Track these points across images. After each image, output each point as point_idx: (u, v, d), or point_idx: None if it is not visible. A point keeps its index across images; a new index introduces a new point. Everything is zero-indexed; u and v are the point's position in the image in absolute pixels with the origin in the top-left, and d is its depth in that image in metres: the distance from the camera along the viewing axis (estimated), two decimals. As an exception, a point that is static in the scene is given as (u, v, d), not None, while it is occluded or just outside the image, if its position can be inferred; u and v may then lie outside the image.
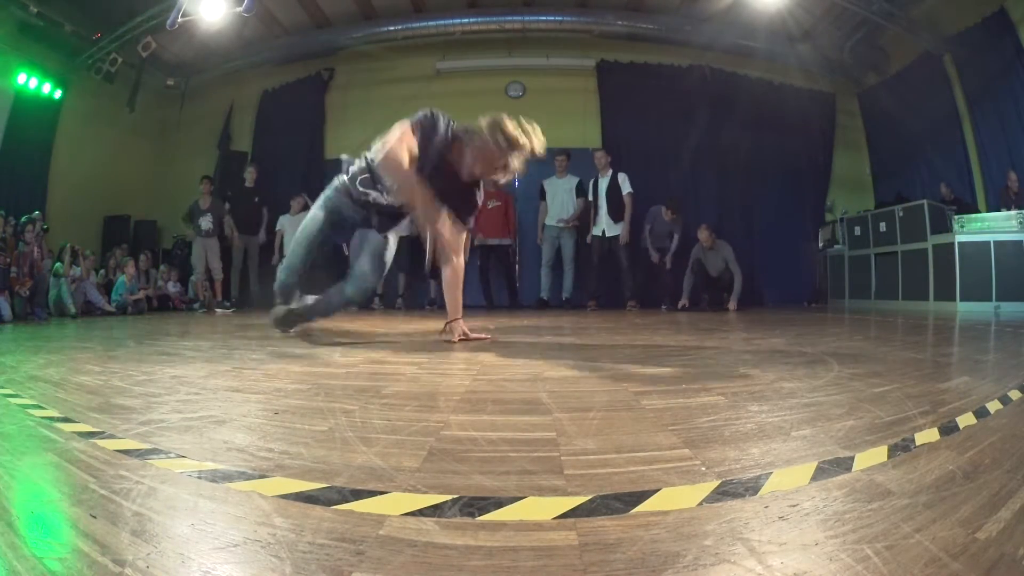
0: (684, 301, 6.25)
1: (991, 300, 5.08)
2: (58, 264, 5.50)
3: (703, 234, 6.26)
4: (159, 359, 2.07)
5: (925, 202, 5.82)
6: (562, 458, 0.86)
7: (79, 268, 5.82)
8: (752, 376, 1.61)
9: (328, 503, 0.68)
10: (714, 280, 6.27)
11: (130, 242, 7.33)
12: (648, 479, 0.76)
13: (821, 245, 7.65)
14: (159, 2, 6.18)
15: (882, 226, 6.30)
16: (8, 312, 4.72)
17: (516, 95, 7.87)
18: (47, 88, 6.59)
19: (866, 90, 7.71)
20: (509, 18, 7.44)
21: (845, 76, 7.74)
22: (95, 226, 7.56)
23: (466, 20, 7.45)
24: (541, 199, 6.78)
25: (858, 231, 6.70)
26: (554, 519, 0.64)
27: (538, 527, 0.62)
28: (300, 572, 0.52)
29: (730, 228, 7.14)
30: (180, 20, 5.90)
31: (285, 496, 0.71)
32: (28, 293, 5.03)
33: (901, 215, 6.05)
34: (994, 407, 1.18)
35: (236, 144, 8.20)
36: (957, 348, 2.54)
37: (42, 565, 0.52)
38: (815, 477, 0.77)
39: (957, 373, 1.77)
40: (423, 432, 1.01)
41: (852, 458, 0.84)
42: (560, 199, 6.69)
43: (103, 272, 6.40)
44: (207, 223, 6.54)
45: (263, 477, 0.78)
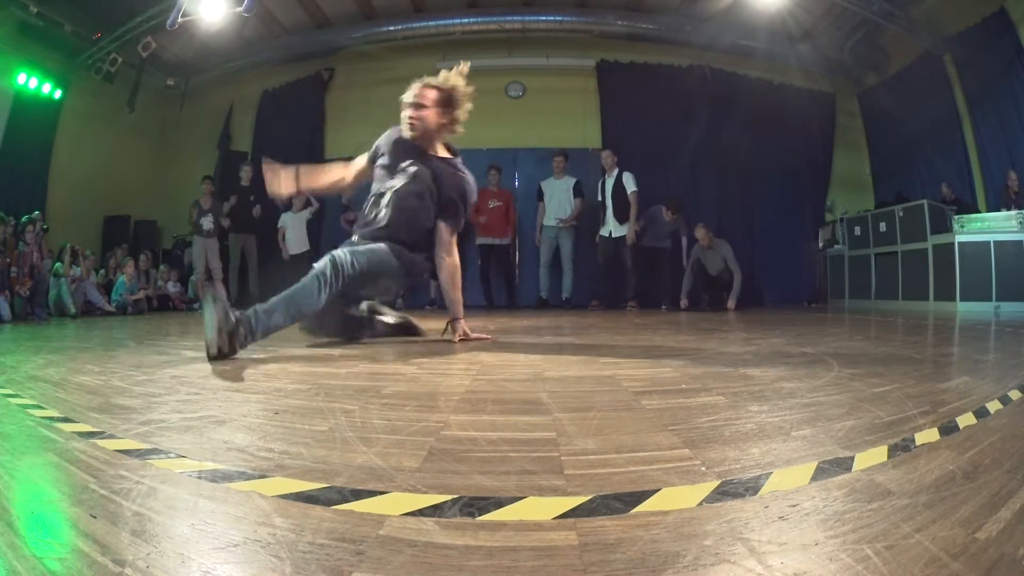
0: (683, 300, 6.24)
1: (991, 300, 5.08)
2: (58, 264, 5.50)
3: (700, 233, 6.25)
4: (159, 359, 2.07)
5: (925, 202, 5.81)
6: (562, 458, 0.86)
7: (79, 268, 5.82)
8: (752, 376, 1.61)
9: (328, 503, 0.68)
10: (713, 279, 6.27)
11: (130, 242, 7.33)
12: (648, 479, 0.76)
13: (821, 245, 7.65)
14: (159, 2, 6.18)
15: (882, 226, 6.29)
16: (8, 312, 4.73)
17: (516, 95, 7.87)
18: (47, 88, 6.59)
19: (866, 90, 7.70)
20: (509, 18, 7.44)
21: (845, 76, 7.74)
22: (95, 226, 7.57)
23: (466, 20, 7.45)
24: (539, 200, 6.79)
25: (858, 231, 6.70)
26: (554, 519, 0.64)
27: (538, 527, 0.62)
28: (300, 572, 0.52)
29: (730, 228, 7.14)
30: (180, 20, 5.90)
31: (285, 496, 0.71)
32: (28, 293, 5.03)
33: (901, 215, 6.05)
34: (994, 407, 1.18)
35: (236, 144, 8.19)
36: (957, 348, 2.54)
37: (42, 565, 0.52)
38: (815, 477, 0.77)
39: (957, 373, 1.77)
40: (423, 432, 1.01)
41: (852, 458, 0.84)
42: (558, 199, 6.68)
43: (103, 272, 6.40)
44: (208, 223, 6.54)
45: (263, 477, 0.78)
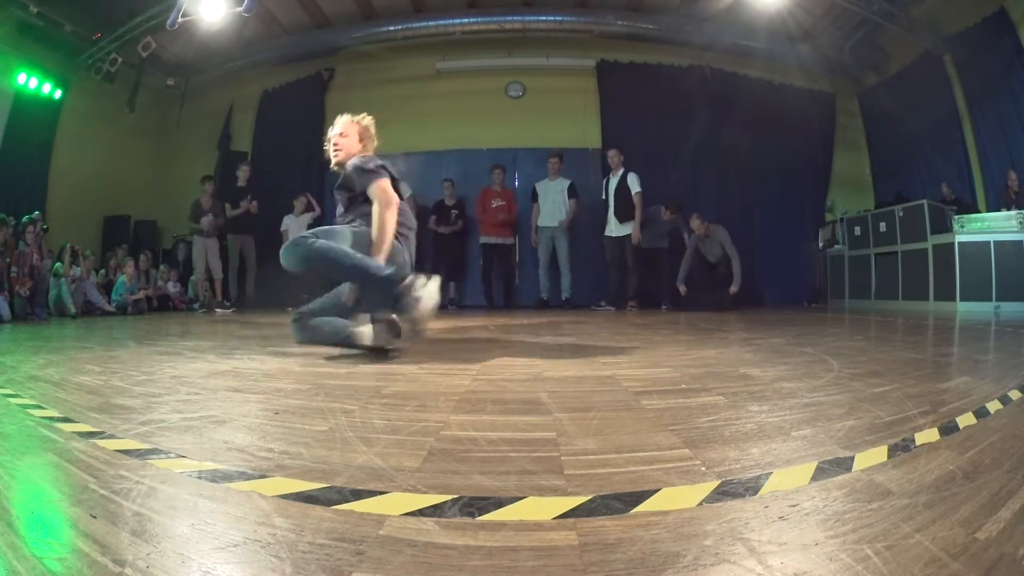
0: (681, 287, 6.26)
1: (991, 300, 5.07)
2: (58, 264, 5.50)
3: (696, 223, 6.26)
4: (159, 359, 2.07)
5: (925, 202, 5.81)
6: (562, 458, 0.86)
7: (79, 268, 5.82)
8: (752, 376, 1.61)
9: (328, 503, 0.68)
10: (713, 267, 6.26)
11: (130, 242, 7.33)
12: (648, 479, 0.76)
13: (821, 245, 7.64)
14: (159, 2, 6.17)
15: (882, 226, 6.29)
16: (8, 312, 4.72)
17: (516, 95, 7.87)
18: (47, 88, 6.58)
19: (866, 90, 7.70)
20: (509, 18, 7.42)
21: (845, 76, 7.73)
22: (95, 226, 7.55)
23: (466, 20, 7.43)
24: (533, 201, 6.78)
25: (858, 231, 6.70)
26: (554, 519, 0.64)
27: (538, 527, 0.62)
28: (300, 572, 0.52)
29: (730, 228, 7.10)
30: (180, 20, 5.89)
31: (285, 496, 0.71)
32: (28, 293, 5.03)
33: (901, 215, 6.05)
34: (994, 407, 1.18)
35: (236, 144, 8.18)
36: (957, 348, 2.54)
37: (42, 565, 0.52)
38: (815, 477, 0.77)
39: (957, 373, 1.77)
40: (423, 432, 1.01)
41: (852, 458, 0.84)
42: (552, 200, 6.67)
43: (103, 272, 6.40)
44: (208, 223, 6.53)
45: (263, 477, 0.78)
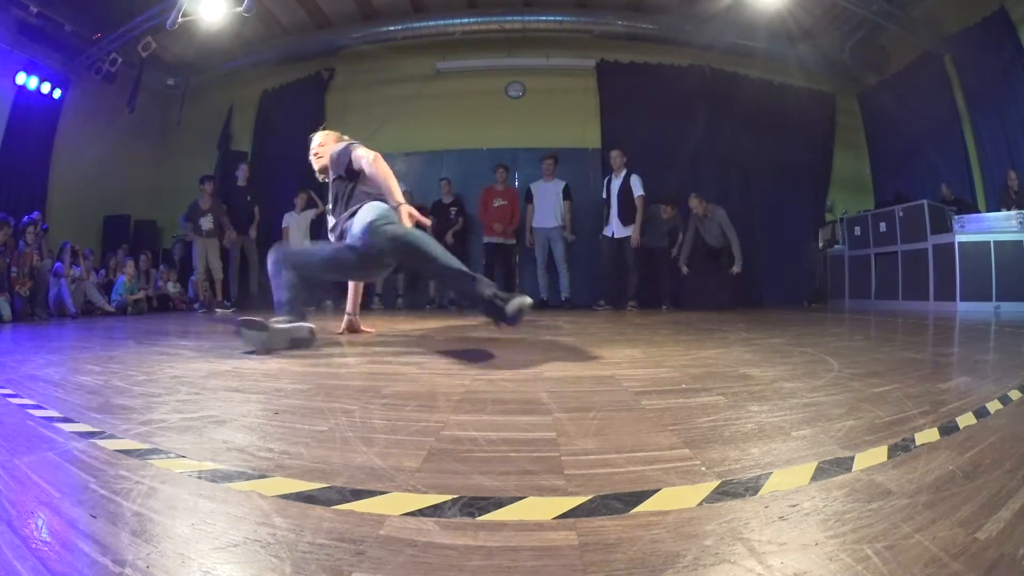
0: (683, 268, 6.32)
1: (991, 300, 5.07)
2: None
3: (694, 202, 6.28)
4: (159, 359, 2.07)
5: (925, 202, 5.81)
6: (562, 458, 0.86)
7: (79, 268, 5.82)
8: (752, 376, 1.61)
9: (328, 503, 0.68)
10: (715, 253, 6.28)
11: (130, 242, 7.33)
12: (648, 479, 0.76)
13: (821, 245, 7.64)
14: (159, 2, 6.17)
15: (882, 226, 6.29)
16: (8, 312, 4.72)
17: (516, 95, 7.87)
18: (47, 88, 6.59)
19: (866, 90, 7.69)
20: (509, 18, 7.42)
21: (845, 76, 7.72)
22: (95, 226, 7.56)
23: (466, 20, 7.43)
24: (527, 202, 6.78)
25: (858, 231, 6.70)
26: (554, 519, 0.64)
27: (538, 527, 0.62)
28: (300, 572, 0.52)
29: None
30: (180, 20, 5.89)
31: (285, 496, 0.71)
32: (28, 293, 5.03)
33: (901, 215, 6.05)
34: (994, 407, 1.18)
35: (236, 144, 8.18)
36: (957, 348, 2.54)
37: (42, 565, 0.52)
38: (815, 477, 0.77)
39: (957, 373, 1.77)
40: (423, 432, 1.01)
41: (852, 458, 0.84)
42: (546, 202, 6.67)
43: (103, 272, 6.40)
44: (207, 223, 6.54)
45: (263, 477, 0.78)
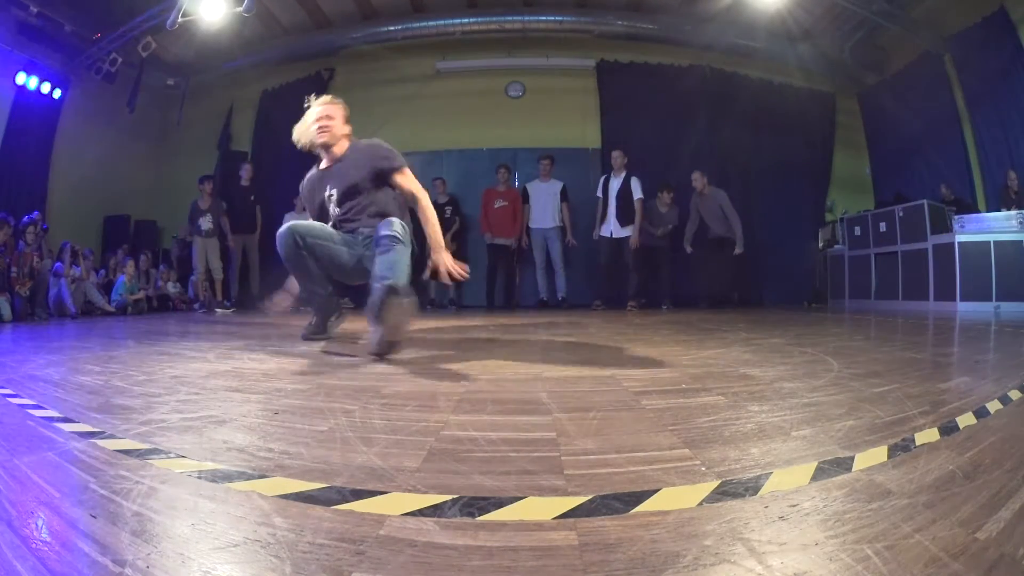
0: (688, 248, 6.45)
1: (991, 300, 5.07)
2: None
3: (696, 175, 6.39)
4: (159, 359, 2.07)
5: (925, 202, 5.80)
6: (562, 458, 0.86)
7: (79, 268, 5.82)
8: (752, 376, 1.61)
9: (328, 503, 0.68)
10: (719, 242, 6.30)
11: (130, 242, 7.33)
12: (648, 479, 0.76)
13: (821, 245, 7.63)
14: (159, 2, 6.17)
15: (882, 226, 6.29)
16: (8, 312, 4.72)
17: (516, 95, 7.87)
18: (47, 88, 6.59)
19: (866, 90, 7.69)
20: (509, 18, 7.42)
21: (845, 76, 7.72)
22: (95, 226, 7.56)
23: (466, 20, 7.43)
24: (524, 202, 6.78)
25: (858, 231, 6.69)
26: (554, 519, 0.64)
27: (538, 527, 0.62)
28: (300, 572, 0.52)
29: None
30: (180, 20, 5.89)
31: (285, 496, 0.71)
32: (28, 293, 5.03)
33: (901, 215, 6.05)
34: (994, 407, 1.18)
35: (236, 144, 8.18)
36: (957, 348, 2.54)
37: (42, 565, 0.52)
38: (815, 477, 0.77)
39: (957, 373, 1.77)
40: (423, 432, 1.01)
41: (852, 458, 0.84)
42: (543, 203, 6.67)
43: (103, 272, 6.40)
44: (207, 223, 6.54)
45: (263, 477, 0.78)
